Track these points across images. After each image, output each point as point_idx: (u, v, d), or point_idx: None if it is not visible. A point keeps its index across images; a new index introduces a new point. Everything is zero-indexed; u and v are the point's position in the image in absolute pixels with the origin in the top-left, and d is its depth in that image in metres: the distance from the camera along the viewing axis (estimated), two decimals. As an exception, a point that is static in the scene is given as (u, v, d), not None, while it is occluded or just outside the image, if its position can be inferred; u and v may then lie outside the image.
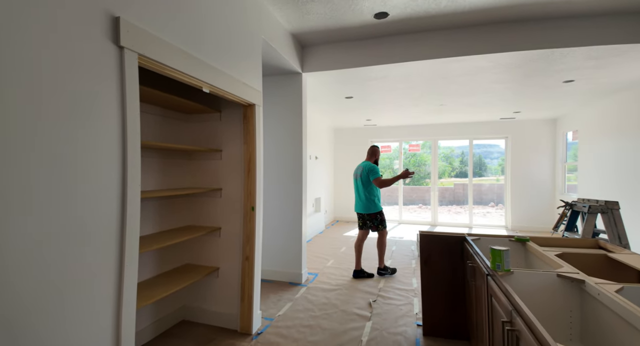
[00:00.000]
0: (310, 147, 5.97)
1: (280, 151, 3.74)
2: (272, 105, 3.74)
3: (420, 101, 5.06)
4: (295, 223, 3.69)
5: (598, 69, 3.46)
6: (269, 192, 3.78)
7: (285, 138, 3.72)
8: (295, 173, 3.71)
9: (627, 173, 4.49)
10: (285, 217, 3.73)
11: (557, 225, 2.87)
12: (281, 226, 3.73)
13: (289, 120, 3.69)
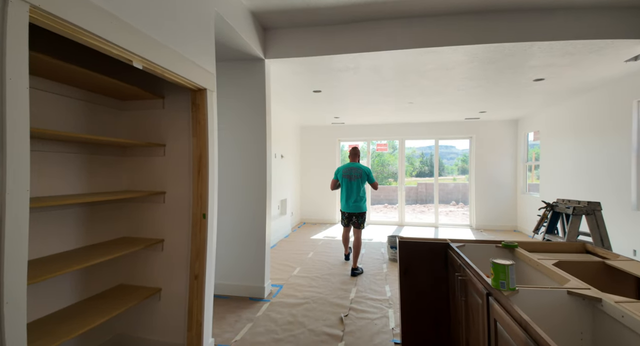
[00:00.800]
0: (275, 145, 5.54)
1: (241, 148, 3.30)
2: (231, 96, 3.29)
3: (390, 98, 4.84)
4: (259, 230, 3.27)
5: (570, 67, 3.42)
6: (227, 194, 3.31)
7: (247, 133, 3.28)
8: (259, 173, 3.29)
9: (586, 172, 4.60)
10: (246, 223, 3.29)
11: (538, 228, 2.75)
12: (242, 234, 3.28)
13: (251, 113, 3.26)
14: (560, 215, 2.66)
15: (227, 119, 3.29)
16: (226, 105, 3.29)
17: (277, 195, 5.72)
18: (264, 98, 3.23)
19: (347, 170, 4.06)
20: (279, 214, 6.01)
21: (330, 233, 6.40)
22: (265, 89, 3.23)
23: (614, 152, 4.05)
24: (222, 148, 3.30)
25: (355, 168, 4.03)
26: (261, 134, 3.25)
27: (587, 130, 4.58)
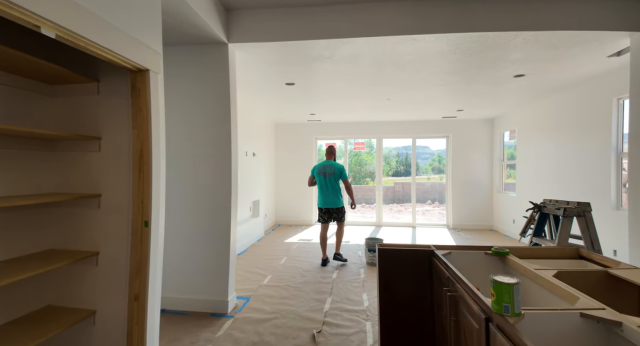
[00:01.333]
0: (246, 142, 5.16)
1: (200, 144, 2.92)
2: (191, 85, 2.91)
3: (367, 93, 4.60)
4: (221, 237, 2.90)
5: (552, 62, 3.30)
6: (183, 197, 2.93)
7: (208, 127, 2.91)
8: (223, 172, 2.93)
9: (564, 172, 4.56)
10: (207, 230, 2.91)
11: (525, 230, 2.59)
12: (201, 241, 2.91)
13: (214, 105, 2.89)
14: (547, 217, 2.51)
15: (185, 111, 2.91)
16: (184, 95, 2.90)
17: (248, 196, 5.34)
18: (228, 89, 2.87)
19: (322, 168, 4.34)
20: (250, 216, 5.63)
21: (305, 236, 6.09)
22: (229, 78, 2.87)
23: (592, 151, 4.01)
24: (177, 143, 2.91)
25: (329, 165, 4.31)
26: (225, 129, 2.89)
27: (564, 129, 4.54)
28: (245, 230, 5.13)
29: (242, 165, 4.94)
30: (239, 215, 5.04)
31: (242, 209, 5.20)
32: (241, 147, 4.90)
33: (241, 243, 4.95)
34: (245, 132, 5.11)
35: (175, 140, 2.92)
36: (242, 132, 4.95)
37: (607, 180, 3.76)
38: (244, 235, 5.11)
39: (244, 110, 5.03)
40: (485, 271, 1.94)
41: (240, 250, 4.88)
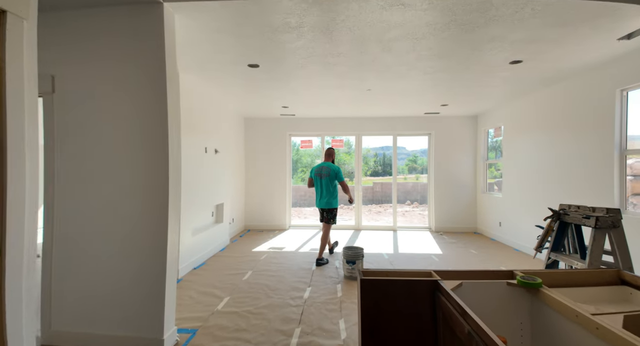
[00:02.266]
0: (206, 137, 4.45)
1: (123, 135, 2.22)
2: (110, 56, 2.21)
3: (345, 81, 4.03)
4: (153, 254, 2.22)
5: (556, 45, 2.87)
6: (102, 202, 2.22)
7: (134, 113, 2.22)
8: (156, 172, 2.24)
9: (557, 171, 4.20)
10: (134, 244, 2.22)
11: (542, 244, 2.10)
12: (126, 260, 2.21)
13: (141, 84, 2.20)
14: (568, 226, 2.03)
15: (102, 92, 2.21)
16: (99, 69, 2.20)
17: (210, 200, 4.63)
18: (164, 63, 2.19)
19: (319, 169, 4.41)
20: (213, 222, 4.92)
21: (277, 243, 5.44)
22: (165, 50, 2.20)
23: (591, 148, 3.63)
24: (89, 133, 2.21)
25: (325, 167, 4.36)
26: (157, 113, 2.21)
27: (559, 125, 4.17)
28: (204, 238, 4.43)
29: (200, 163, 4.24)
30: (198, 222, 4.34)
31: (202, 215, 4.49)
32: (198, 142, 4.19)
33: (199, 255, 4.25)
34: (204, 126, 4.40)
35: (88, 129, 2.21)
36: (200, 125, 4.24)
37: (609, 181, 3.39)
38: (204, 245, 4.40)
39: (202, 100, 4.32)
40: (510, 310, 1.40)
41: (197, 263, 4.17)
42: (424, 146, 7.14)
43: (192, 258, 4.08)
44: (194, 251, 4.14)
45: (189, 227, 3.97)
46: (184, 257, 3.85)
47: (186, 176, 3.83)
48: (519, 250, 5.00)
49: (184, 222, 3.82)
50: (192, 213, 4.09)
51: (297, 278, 3.66)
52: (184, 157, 3.80)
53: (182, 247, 3.81)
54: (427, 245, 5.37)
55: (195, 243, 4.15)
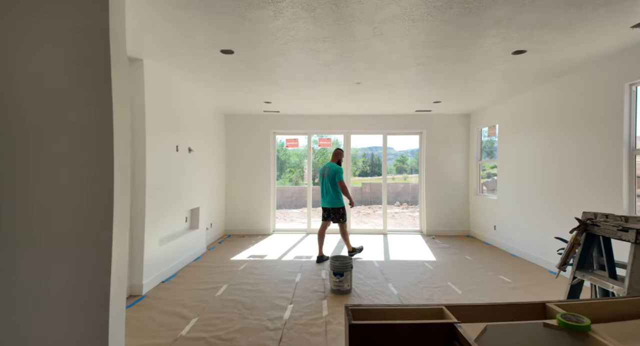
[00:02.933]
0: (177, 134, 4.00)
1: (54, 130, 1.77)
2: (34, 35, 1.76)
3: (332, 72, 3.65)
4: (94, 273, 1.77)
5: (566, 32, 2.56)
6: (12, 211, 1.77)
7: (68, 102, 1.77)
8: (95, 170, 1.80)
9: (557, 172, 3.92)
10: (66, 261, 1.77)
11: (566, 261, 1.77)
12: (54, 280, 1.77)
13: (76, 68, 1.76)
14: (595, 239, 1.71)
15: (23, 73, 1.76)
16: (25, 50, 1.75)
17: (183, 204, 4.18)
18: (107, 40, 1.76)
19: (322, 169, 4.66)
20: (186, 229, 4.46)
21: (259, 250, 5.02)
22: (109, 23, 1.76)
23: (596, 147, 3.35)
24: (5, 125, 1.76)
25: (327, 167, 4.57)
26: (100, 106, 1.77)
27: (559, 123, 3.89)
28: (176, 247, 3.97)
29: (170, 164, 3.79)
30: (168, 229, 3.89)
31: (173, 220, 4.04)
32: (167, 140, 3.74)
33: (169, 266, 3.79)
34: (175, 122, 3.95)
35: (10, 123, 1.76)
36: (170, 121, 3.79)
37: (616, 182, 3.11)
38: (175, 254, 3.94)
39: (172, 92, 3.86)
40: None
41: (166, 275, 3.72)
42: (413, 146, 6.87)
43: (161, 270, 3.63)
44: (163, 262, 3.69)
45: (155, 236, 3.51)
46: (149, 270, 3.40)
47: (152, 178, 3.38)
48: (516, 255, 4.73)
49: (149, 230, 3.37)
50: (161, 219, 3.64)
51: (278, 293, 3.26)
52: (150, 156, 3.35)
53: (148, 258, 3.36)
54: (420, 250, 5.05)
55: (164, 253, 3.70)
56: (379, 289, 3.39)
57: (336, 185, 4.42)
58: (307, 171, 6.57)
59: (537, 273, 3.88)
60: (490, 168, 6.56)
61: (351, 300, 3.11)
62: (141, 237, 3.30)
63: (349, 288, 3.27)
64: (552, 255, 3.98)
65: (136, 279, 3.30)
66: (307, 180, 6.55)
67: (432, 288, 3.43)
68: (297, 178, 11.57)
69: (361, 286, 3.47)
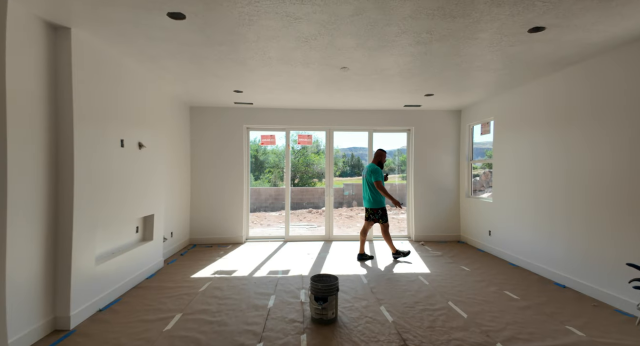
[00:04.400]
0: (121, 125, 3.23)
1: None
2: None
3: (313, 50, 3.02)
4: None
5: (597, 2, 2.05)
6: None
7: None
8: None
9: (566, 174, 3.48)
10: None
11: None
12: None
13: None
14: None
15: None
16: None
17: (131, 211, 3.40)
18: None
19: (363, 170, 4.66)
20: (137, 241, 3.69)
21: (226, 264, 4.30)
22: None
23: (621, 145, 2.90)
24: None
25: (366, 168, 4.58)
26: None
27: (570, 118, 3.44)
28: (122, 264, 3.21)
29: (111, 162, 3.02)
30: (110, 243, 3.13)
31: (118, 232, 3.28)
32: (108, 132, 2.96)
33: (112, 289, 3.03)
34: (117, 111, 3.18)
35: None
36: (110, 110, 3.01)
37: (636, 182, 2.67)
38: (121, 273, 3.18)
39: (112, 74, 3.09)
40: None
41: (107, 300, 2.95)
42: (393, 146, 6.31)
43: (99, 295, 2.87)
44: (102, 284, 2.92)
45: (89, 252, 2.75)
46: (81, 296, 2.64)
47: (83, 179, 2.62)
48: (515, 264, 4.28)
49: (80, 246, 2.61)
50: (98, 231, 2.87)
51: (245, 325, 2.58)
52: (80, 152, 2.60)
53: (78, 281, 2.61)
54: (411, 260, 4.51)
55: (103, 273, 2.94)
56: (370, 315, 2.78)
57: (373, 186, 4.40)
58: (286, 171, 5.90)
59: (544, 288, 3.41)
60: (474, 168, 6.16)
61: (337, 332, 2.49)
62: (67, 255, 2.54)
63: (333, 317, 2.65)
64: (558, 264, 3.54)
65: (62, 310, 2.54)
66: (286, 181, 5.88)
67: (432, 311, 2.86)
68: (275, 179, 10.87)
69: (348, 311, 2.85)
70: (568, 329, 2.49)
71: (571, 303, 2.99)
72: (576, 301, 3.03)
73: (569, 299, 3.08)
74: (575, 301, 3.02)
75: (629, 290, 2.74)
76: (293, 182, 13.23)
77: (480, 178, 6.64)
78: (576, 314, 2.75)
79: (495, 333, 2.45)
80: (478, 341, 2.33)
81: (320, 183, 13.51)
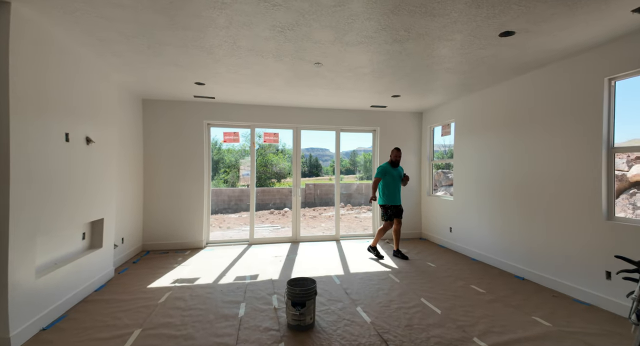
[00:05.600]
0: (66, 118, 2.79)
1: None
2: None
3: (288, 42, 2.87)
4: None
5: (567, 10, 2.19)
6: None
7: None
8: None
9: (527, 173, 3.72)
10: None
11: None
12: None
13: None
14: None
15: None
16: None
17: (77, 215, 2.95)
18: None
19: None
20: (84, 249, 3.24)
21: (187, 272, 3.97)
22: None
23: (570, 145, 3.15)
24: None
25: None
26: None
27: (526, 121, 3.68)
28: (67, 276, 2.77)
29: (54, 160, 2.59)
30: (52, 253, 2.69)
31: (62, 240, 2.84)
32: (51, 126, 2.54)
33: (57, 304, 2.61)
34: (63, 101, 2.74)
35: None
36: (54, 99, 2.58)
37: (593, 182, 2.92)
38: (66, 287, 2.74)
39: (58, 59, 2.66)
40: None
41: (51, 318, 2.52)
42: (349, 148, 6.34)
43: (41, 312, 2.46)
44: (45, 299, 2.50)
45: (28, 264, 2.32)
46: (21, 314, 2.24)
47: (21, 179, 2.20)
48: (476, 259, 4.50)
49: (17, 256, 2.20)
50: (39, 239, 2.44)
51: (215, 338, 2.36)
52: (18, 147, 2.18)
53: (17, 297, 2.20)
54: (379, 257, 4.53)
55: (45, 286, 2.51)
56: (348, 317, 2.71)
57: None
58: (251, 171, 5.64)
59: (507, 281, 3.61)
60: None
61: (316, 337, 2.37)
62: (3, 267, 2.12)
63: (311, 322, 2.52)
64: (517, 259, 3.77)
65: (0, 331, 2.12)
66: (251, 181, 5.61)
67: (407, 309, 2.87)
68: (233, 179, 10.46)
69: (325, 315, 2.75)
70: (535, 320, 2.62)
71: (533, 294, 3.19)
72: (537, 292, 3.24)
73: (530, 291, 3.28)
74: (536, 293, 3.22)
75: (585, 280, 2.99)
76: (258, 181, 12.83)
77: (434, 178, 6.94)
78: (539, 305, 2.92)
79: (470, 328, 2.50)
80: (456, 337, 2.36)
81: (279, 183, 13.27)
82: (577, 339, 2.32)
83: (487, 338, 2.34)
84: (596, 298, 2.88)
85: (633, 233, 2.60)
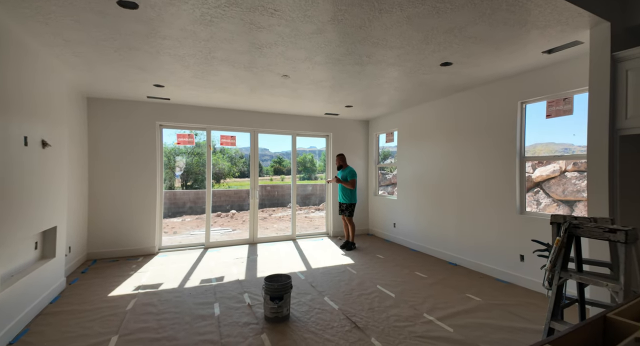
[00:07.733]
0: (22, 119, 2.61)
1: None
2: None
3: (263, 57, 3.09)
4: None
5: (495, 49, 2.83)
6: None
7: None
8: None
9: (455, 176, 4.47)
10: None
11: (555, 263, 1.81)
12: None
13: None
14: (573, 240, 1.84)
15: None
16: None
17: (29, 223, 2.75)
18: None
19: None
20: (36, 259, 3.02)
21: (147, 278, 3.89)
22: None
23: (492, 154, 3.93)
24: None
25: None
26: None
27: (459, 132, 4.43)
28: (24, 289, 2.59)
29: (14, 164, 2.42)
30: (6, 266, 2.50)
31: (15, 251, 2.64)
32: (8, 127, 2.38)
33: (16, 320, 2.42)
34: (20, 101, 2.57)
35: None
36: (11, 99, 2.42)
37: (510, 184, 3.71)
38: (22, 301, 2.56)
39: (11, 53, 2.49)
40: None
41: (13, 332, 2.36)
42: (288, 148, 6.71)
43: (5, 327, 2.28)
44: (4, 315, 2.33)
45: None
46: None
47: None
48: (415, 250, 5.19)
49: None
50: (-11, 253, 2.28)
51: (198, 336, 2.49)
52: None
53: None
54: (335, 254, 4.95)
55: (7, 300, 2.34)
56: (318, 307, 3.04)
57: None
58: (207, 174, 5.61)
59: (442, 266, 4.30)
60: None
61: (294, 326, 2.65)
62: None
63: (287, 313, 2.79)
64: (450, 248, 4.51)
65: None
66: (207, 183, 5.59)
67: (367, 295, 3.31)
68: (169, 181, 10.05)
69: (298, 306, 3.04)
70: (469, 297, 3.27)
71: (464, 277, 3.89)
72: (467, 275, 3.95)
73: (462, 274, 3.99)
74: (467, 275, 3.93)
75: (504, 262, 3.75)
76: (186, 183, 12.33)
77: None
78: (470, 285, 3.61)
79: (420, 306, 3.03)
80: (410, 314, 2.86)
81: (219, 185, 13.01)
82: (502, 309, 2.98)
83: (434, 313, 2.88)
84: (513, 277, 3.66)
85: (539, 223, 3.39)
